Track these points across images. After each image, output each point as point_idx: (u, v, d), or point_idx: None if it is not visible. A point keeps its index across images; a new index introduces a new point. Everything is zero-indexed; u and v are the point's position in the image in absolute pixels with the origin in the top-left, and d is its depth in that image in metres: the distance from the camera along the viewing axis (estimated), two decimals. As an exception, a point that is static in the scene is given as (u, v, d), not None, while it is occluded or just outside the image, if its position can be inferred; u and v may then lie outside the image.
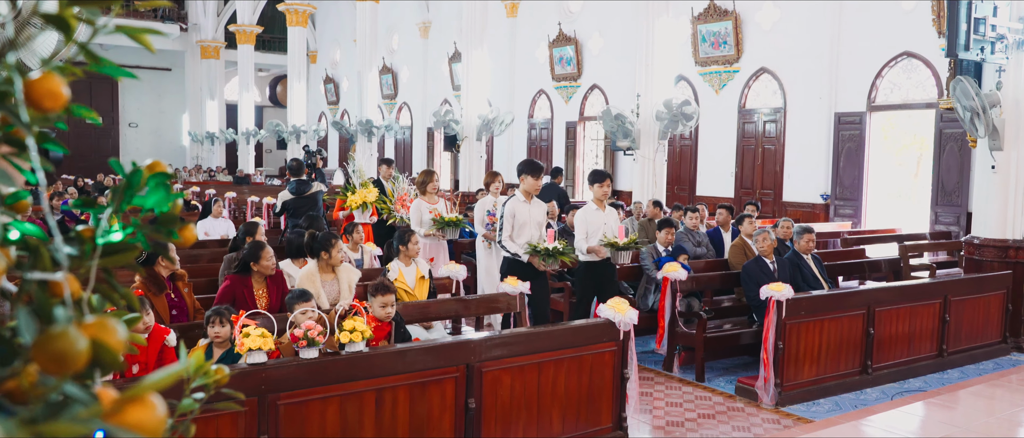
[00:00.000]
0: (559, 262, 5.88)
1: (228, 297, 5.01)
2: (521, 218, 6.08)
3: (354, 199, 8.54)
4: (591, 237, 6.17)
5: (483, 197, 7.77)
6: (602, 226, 6.24)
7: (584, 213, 6.34)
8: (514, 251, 6.00)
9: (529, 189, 6.13)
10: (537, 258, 5.88)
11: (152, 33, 0.90)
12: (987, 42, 7.14)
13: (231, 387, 1.12)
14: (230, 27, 26.49)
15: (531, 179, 6.08)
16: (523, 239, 6.05)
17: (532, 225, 6.08)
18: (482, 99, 15.45)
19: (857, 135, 13.17)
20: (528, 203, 6.15)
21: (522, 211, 6.10)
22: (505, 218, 6.07)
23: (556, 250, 5.81)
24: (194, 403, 1.00)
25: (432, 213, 7.55)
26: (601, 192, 6.27)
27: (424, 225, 7.51)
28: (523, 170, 6.15)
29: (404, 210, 8.57)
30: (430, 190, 7.72)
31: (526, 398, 4.36)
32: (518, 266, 5.99)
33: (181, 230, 0.93)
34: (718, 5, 15.04)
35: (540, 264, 5.90)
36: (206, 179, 23.18)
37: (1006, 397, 5.71)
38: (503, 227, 6.05)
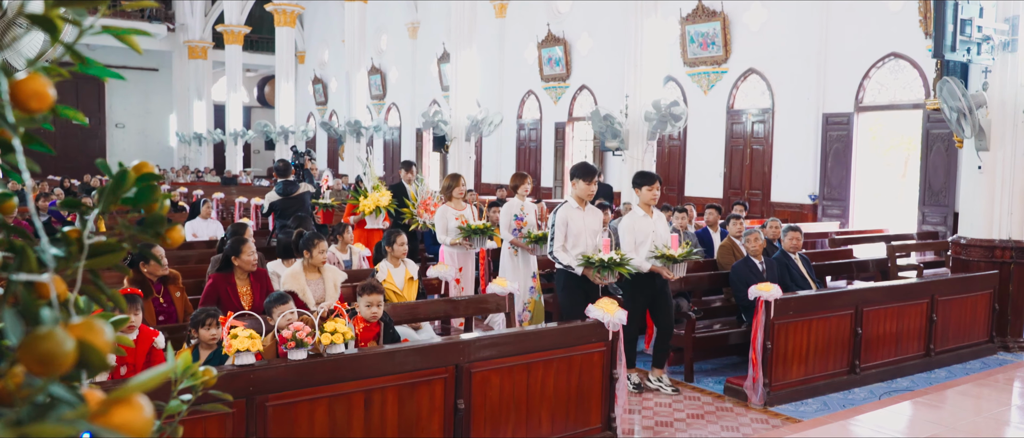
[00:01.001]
0: (616, 274, 5.34)
1: (213, 296, 4.99)
2: (575, 227, 5.51)
3: (366, 204, 8.14)
4: (640, 247, 5.68)
5: (509, 200, 7.24)
6: (651, 234, 5.73)
7: (631, 220, 5.80)
8: (567, 262, 5.44)
9: (582, 195, 5.60)
10: (592, 270, 5.34)
11: (138, 33, 0.90)
12: (973, 43, 7.19)
13: (219, 388, 1.12)
14: (217, 27, 26.38)
15: (583, 184, 5.56)
16: (577, 250, 5.48)
17: (587, 234, 5.53)
18: (471, 100, 15.44)
19: (844, 136, 13.24)
20: (582, 210, 5.60)
21: (576, 219, 5.53)
22: (557, 227, 5.49)
23: (612, 261, 5.26)
24: (181, 404, 0.99)
25: (458, 219, 7.10)
26: (649, 196, 5.76)
27: (450, 233, 7.08)
28: (575, 174, 5.64)
29: (428, 215, 8.19)
30: (456, 195, 7.26)
31: (515, 399, 4.36)
32: (572, 279, 5.48)
33: (168, 231, 0.92)
34: (706, 6, 15.10)
35: (595, 277, 5.34)
36: (194, 180, 23.07)
37: (993, 396, 5.76)
38: (555, 237, 5.48)
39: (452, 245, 7.01)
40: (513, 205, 7.09)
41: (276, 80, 24.04)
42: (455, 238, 7.02)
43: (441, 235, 7.06)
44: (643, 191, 5.78)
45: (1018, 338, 7.48)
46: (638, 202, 5.83)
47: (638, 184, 5.83)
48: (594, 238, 5.57)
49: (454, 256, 7.10)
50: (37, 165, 0.85)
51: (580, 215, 5.57)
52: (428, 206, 8.23)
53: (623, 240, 5.78)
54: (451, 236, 7.03)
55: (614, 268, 5.28)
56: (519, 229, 6.98)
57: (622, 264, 5.30)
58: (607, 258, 5.26)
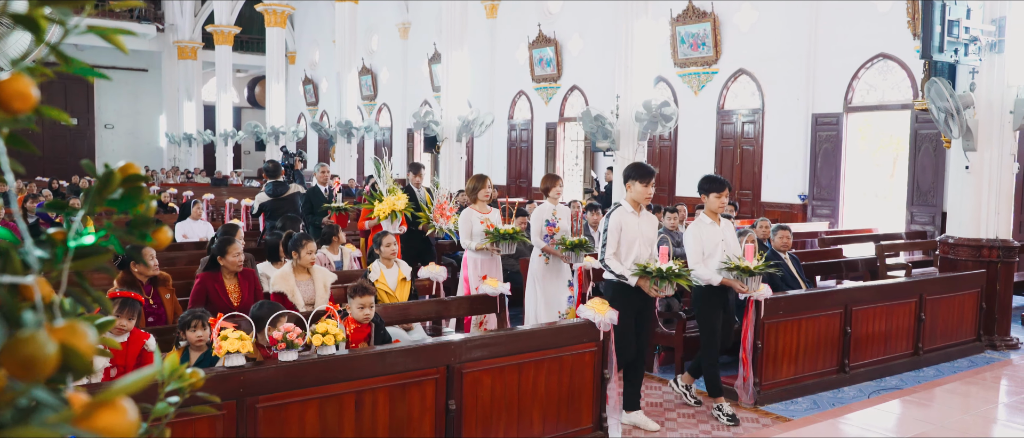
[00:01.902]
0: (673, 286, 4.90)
1: (201, 295, 4.98)
2: (630, 233, 5.00)
3: (382, 208, 7.68)
4: (709, 258, 5.26)
5: (540, 204, 6.79)
6: (719, 243, 5.31)
7: (697, 228, 5.34)
8: (620, 272, 4.95)
9: (638, 198, 5.06)
10: (647, 281, 4.90)
11: (125, 33, 0.89)
12: (961, 44, 7.24)
13: (209, 390, 1.11)
14: (207, 28, 26.27)
15: (640, 186, 5.02)
16: (631, 258, 5.00)
17: (642, 241, 5.04)
18: (462, 100, 15.43)
19: (834, 136, 13.30)
20: (637, 215, 5.08)
21: (630, 225, 5.01)
22: (610, 233, 4.99)
23: (671, 272, 4.81)
24: (168, 407, 0.99)
25: (484, 223, 6.58)
26: (718, 203, 5.32)
27: (475, 237, 6.56)
28: (631, 175, 5.11)
29: (444, 219, 7.78)
30: (482, 198, 6.69)
31: (507, 399, 4.36)
32: (623, 291, 4.99)
33: (155, 232, 0.92)
34: (697, 7, 15.13)
35: (651, 288, 4.89)
36: (184, 181, 22.98)
37: (980, 395, 5.79)
38: (607, 243, 4.98)
39: (477, 250, 6.53)
40: (545, 209, 6.65)
41: (266, 81, 23.96)
42: (481, 243, 6.51)
43: (465, 240, 6.58)
44: (710, 198, 5.32)
45: (1005, 336, 7.52)
46: (704, 209, 5.41)
47: (705, 190, 5.37)
48: (649, 247, 5.10)
49: (478, 263, 6.57)
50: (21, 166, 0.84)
51: (635, 221, 5.05)
52: (444, 210, 7.83)
53: (689, 250, 5.35)
54: (476, 241, 6.53)
55: (672, 279, 4.82)
56: (551, 235, 6.57)
57: (681, 275, 4.83)
58: (665, 268, 4.82)
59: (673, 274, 4.80)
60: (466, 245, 6.58)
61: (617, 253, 5.00)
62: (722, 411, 5.26)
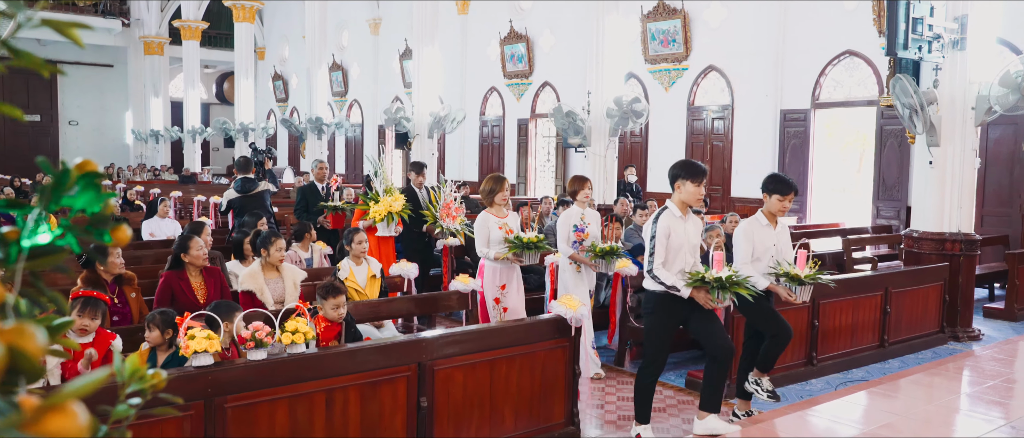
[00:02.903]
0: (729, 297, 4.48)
1: (166, 294, 4.92)
2: (677, 239, 4.55)
3: (378, 210, 7.27)
4: (760, 260, 4.93)
5: (568, 208, 6.30)
6: (771, 248, 4.96)
7: (751, 228, 4.97)
8: (671, 283, 4.47)
9: (689, 199, 4.59)
10: (702, 293, 4.46)
11: (82, 28, 0.87)
12: (925, 41, 7.36)
13: (177, 390, 1.10)
14: (174, 23, 25.90)
15: (692, 185, 4.55)
16: (677, 266, 4.55)
17: (687, 249, 4.61)
18: (434, 96, 15.38)
19: (802, 132, 13.46)
20: (684, 219, 4.62)
21: (678, 230, 4.56)
22: (659, 238, 4.50)
23: (730, 281, 4.40)
24: (129, 409, 0.97)
25: (502, 229, 5.91)
26: (780, 206, 4.96)
27: (493, 245, 5.84)
28: (680, 174, 4.61)
29: (451, 220, 7.43)
30: (499, 201, 5.96)
31: (479, 396, 4.35)
32: (666, 302, 4.55)
33: (114, 231, 0.90)
34: (667, 3, 15.22)
35: (707, 300, 4.46)
36: (151, 178, 22.64)
37: (944, 385, 5.90)
38: (655, 252, 4.50)
39: (495, 260, 5.81)
40: (572, 213, 6.16)
41: (235, 77, 23.69)
42: (500, 252, 5.81)
43: (481, 247, 5.86)
44: (772, 200, 4.96)
45: (967, 328, 7.67)
46: (763, 207, 5.04)
47: (770, 190, 4.99)
48: (694, 254, 4.65)
49: (496, 271, 5.88)
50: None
51: (682, 225, 4.59)
52: (450, 210, 7.42)
53: (738, 250, 4.96)
54: (494, 249, 5.82)
55: (732, 289, 4.41)
56: (580, 241, 6.07)
57: (741, 284, 4.44)
58: (725, 277, 4.41)
59: (732, 284, 4.41)
60: (482, 253, 5.87)
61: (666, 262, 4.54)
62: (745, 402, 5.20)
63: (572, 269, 6.14)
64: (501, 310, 5.83)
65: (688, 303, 4.53)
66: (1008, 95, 7.11)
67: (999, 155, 11.03)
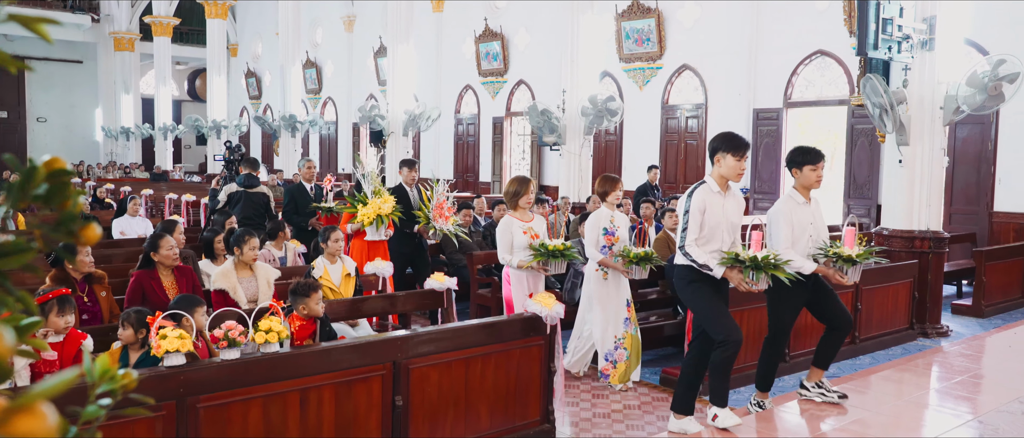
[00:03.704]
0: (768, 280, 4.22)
1: (137, 293, 4.86)
2: (714, 216, 4.30)
3: (366, 212, 6.83)
4: (797, 241, 4.65)
5: (597, 210, 5.88)
6: (808, 226, 4.70)
7: (787, 206, 4.68)
8: (703, 262, 4.23)
9: (729, 174, 4.34)
10: (736, 272, 4.21)
11: (50, 23, 0.86)
12: (894, 41, 7.46)
13: (148, 390, 1.08)
14: (145, 18, 25.57)
15: (732, 159, 4.29)
16: (712, 245, 4.31)
17: (726, 227, 4.36)
18: (408, 94, 15.33)
19: (774, 131, 13.60)
20: (723, 194, 4.39)
21: (715, 206, 4.32)
22: (692, 214, 4.28)
23: (766, 261, 4.13)
24: (99, 410, 0.96)
25: (527, 234, 5.43)
26: (814, 176, 4.66)
27: (517, 252, 5.40)
28: (719, 146, 4.36)
29: (444, 221, 7.02)
30: (524, 204, 5.51)
31: (454, 394, 4.35)
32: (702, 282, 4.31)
33: (83, 229, 0.89)
34: (641, 3, 15.30)
35: (741, 282, 4.20)
36: (121, 176, 22.34)
37: (913, 381, 5.99)
38: (688, 227, 4.27)
39: (519, 268, 5.38)
40: (601, 216, 5.75)
41: (207, 73, 23.43)
42: (525, 260, 5.35)
43: (503, 254, 5.43)
44: (805, 171, 4.65)
45: (936, 325, 7.80)
46: (794, 183, 4.75)
47: (798, 162, 4.68)
48: (733, 232, 4.41)
49: (522, 280, 5.44)
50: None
51: (720, 201, 4.35)
52: (443, 211, 7.02)
53: (776, 232, 4.66)
54: (518, 256, 5.37)
55: (768, 270, 4.14)
56: (609, 246, 5.69)
57: (778, 266, 4.15)
58: (761, 257, 4.14)
59: (769, 265, 4.10)
60: (505, 261, 5.42)
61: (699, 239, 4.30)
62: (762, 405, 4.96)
63: (598, 276, 5.74)
64: None
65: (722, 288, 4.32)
66: (975, 95, 7.24)
67: (967, 154, 11.23)
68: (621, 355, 5.73)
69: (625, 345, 5.71)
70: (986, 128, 10.99)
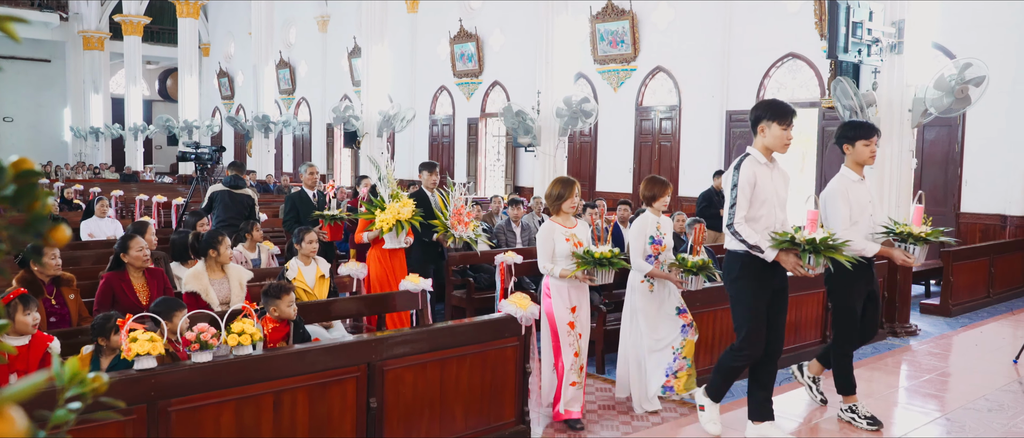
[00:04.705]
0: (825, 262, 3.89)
1: (107, 296, 4.79)
2: (763, 190, 3.96)
3: (385, 218, 6.32)
4: (857, 222, 4.36)
5: (640, 216, 5.39)
6: (867, 205, 4.42)
7: (842, 183, 4.40)
8: (755, 242, 3.88)
9: (774, 145, 4.02)
10: (792, 256, 3.87)
11: (18, 21, 0.85)
12: (864, 45, 7.58)
13: (119, 394, 1.07)
14: (115, 17, 25.24)
15: (778, 128, 3.96)
16: (763, 223, 3.94)
17: (775, 203, 4.03)
18: (383, 95, 15.28)
19: (747, 132, 13.72)
20: (770, 166, 4.06)
21: (764, 179, 3.98)
22: (741, 187, 3.93)
23: (824, 244, 3.79)
24: (69, 413, 0.94)
25: (570, 241, 4.88)
26: (867, 152, 4.39)
27: (559, 260, 4.85)
28: (764, 114, 4.04)
29: (463, 227, 6.57)
30: (567, 209, 4.93)
31: (429, 396, 4.34)
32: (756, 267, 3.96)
33: (51, 231, 0.88)
34: (615, 4, 15.37)
35: (796, 266, 3.88)
36: (90, 177, 22.01)
37: (883, 379, 6.08)
38: (737, 203, 3.93)
39: (561, 277, 4.82)
40: (647, 222, 5.27)
41: (179, 73, 23.17)
42: (568, 269, 4.80)
43: (545, 263, 4.86)
44: (858, 147, 4.38)
45: (905, 324, 7.92)
46: (846, 161, 4.47)
47: (850, 138, 4.41)
48: (782, 209, 4.07)
49: (564, 291, 4.88)
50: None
51: (768, 173, 4.02)
52: (462, 217, 6.55)
53: (833, 212, 4.35)
54: (561, 265, 4.82)
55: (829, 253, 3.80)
56: (656, 255, 5.23)
57: (836, 247, 3.81)
58: (819, 239, 3.79)
59: (827, 246, 3.76)
60: (546, 270, 4.88)
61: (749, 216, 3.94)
62: (857, 413, 4.64)
63: (643, 288, 5.23)
64: (577, 336, 4.89)
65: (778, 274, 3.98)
66: (943, 98, 7.36)
67: (934, 156, 11.42)
68: (681, 365, 5.27)
69: (684, 354, 5.27)
70: (953, 130, 11.19)
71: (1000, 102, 10.34)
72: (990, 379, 5.86)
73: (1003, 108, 10.48)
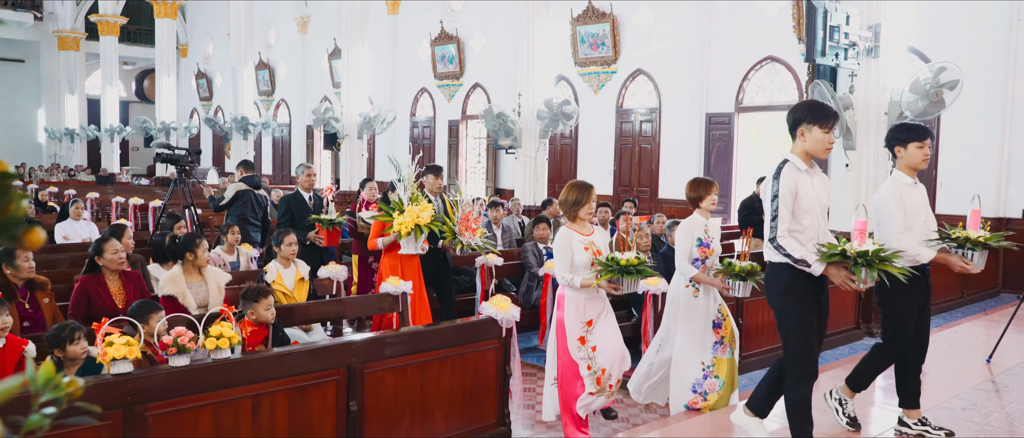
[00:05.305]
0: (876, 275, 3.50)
1: (82, 300, 4.73)
2: (805, 199, 3.64)
3: (403, 222, 5.94)
4: (911, 227, 4.07)
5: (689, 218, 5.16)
6: (922, 210, 4.14)
7: (895, 188, 4.08)
8: (800, 256, 3.55)
9: (815, 150, 3.68)
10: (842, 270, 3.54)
11: (-10, 22, 0.84)
12: (841, 49, 7.66)
13: (95, 399, 1.06)
14: (91, 17, 24.97)
15: (819, 131, 3.64)
16: (807, 234, 3.65)
17: (818, 210, 3.70)
18: (363, 97, 15.23)
19: (726, 135, 13.83)
20: (811, 173, 3.73)
21: (805, 186, 3.66)
22: (783, 197, 3.61)
23: (877, 256, 3.46)
24: (44, 419, 0.93)
25: (588, 250, 4.55)
26: (920, 155, 4.07)
27: (578, 269, 4.50)
28: (803, 117, 3.70)
29: (470, 234, 6.20)
30: (584, 215, 4.62)
31: (410, 398, 4.33)
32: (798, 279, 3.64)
33: (26, 234, 0.87)
34: (596, 7, 15.43)
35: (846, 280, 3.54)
36: (65, 179, 21.74)
37: (859, 379, 6.13)
38: (779, 215, 3.61)
39: (583, 287, 4.45)
40: (695, 224, 5.03)
41: (156, 74, 22.97)
42: (588, 278, 4.46)
43: (562, 272, 4.51)
44: (910, 149, 4.07)
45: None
46: (897, 164, 4.16)
47: (903, 140, 4.09)
48: (823, 215, 3.75)
49: (580, 303, 4.53)
50: None
51: (809, 180, 3.69)
52: (469, 223, 6.22)
53: (886, 218, 4.06)
54: (580, 274, 4.47)
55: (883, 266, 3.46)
56: (702, 259, 4.99)
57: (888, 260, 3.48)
58: (872, 251, 3.46)
59: (880, 259, 3.45)
60: (564, 280, 4.51)
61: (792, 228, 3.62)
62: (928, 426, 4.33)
63: (688, 294, 4.98)
64: (590, 350, 4.53)
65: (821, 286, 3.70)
66: (918, 101, 7.46)
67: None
68: (713, 385, 4.98)
69: (716, 372, 4.98)
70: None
71: (974, 105, 10.48)
72: (964, 378, 5.94)
73: (977, 111, 10.63)
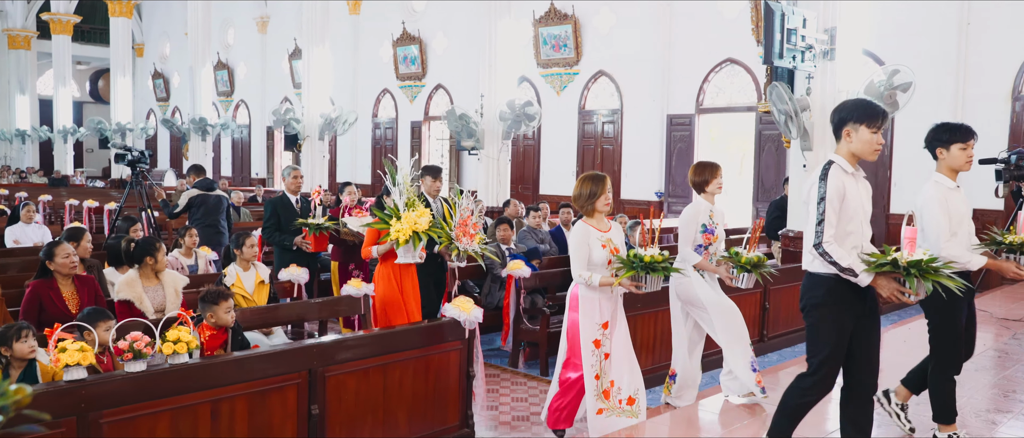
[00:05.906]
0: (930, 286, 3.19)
1: (34, 305, 4.61)
2: (852, 203, 3.39)
3: (400, 228, 5.37)
4: (957, 233, 3.83)
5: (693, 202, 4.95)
6: (965, 214, 3.91)
7: (937, 191, 3.84)
8: (847, 264, 3.25)
9: (862, 151, 3.44)
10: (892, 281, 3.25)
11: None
12: (798, 51, 7.78)
13: (46, 406, 1.03)
14: (42, 15, 24.37)
15: (867, 131, 3.39)
16: (851, 241, 3.38)
17: (862, 215, 3.45)
18: (324, 97, 15.09)
19: (687, 136, 13.97)
20: (856, 176, 3.47)
21: (852, 189, 3.40)
22: (829, 201, 3.34)
23: (929, 265, 3.19)
24: (-11, 428, 0.90)
25: (605, 246, 4.29)
26: (964, 157, 3.83)
27: (595, 267, 4.26)
28: (848, 117, 3.42)
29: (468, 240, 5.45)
30: (601, 207, 4.34)
31: (372, 401, 4.30)
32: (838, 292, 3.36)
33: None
34: (558, 8, 15.48)
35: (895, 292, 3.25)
36: (17, 181, 21.19)
37: (818, 376, 6.24)
38: (825, 219, 3.32)
39: (602, 285, 4.23)
40: (700, 209, 4.82)
41: (111, 74, 22.49)
42: (607, 277, 4.22)
43: (579, 270, 4.25)
44: (953, 151, 3.84)
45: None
46: (938, 166, 3.91)
47: (945, 141, 3.85)
48: (867, 223, 3.50)
49: (596, 304, 4.31)
50: None
51: (854, 184, 3.44)
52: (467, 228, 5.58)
53: (930, 224, 3.82)
54: (599, 272, 4.24)
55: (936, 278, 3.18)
56: (706, 245, 4.81)
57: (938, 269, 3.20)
58: (925, 261, 3.19)
59: (932, 269, 3.18)
60: (583, 279, 4.25)
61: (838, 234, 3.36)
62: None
63: (698, 277, 4.86)
64: (602, 356, 4.31)
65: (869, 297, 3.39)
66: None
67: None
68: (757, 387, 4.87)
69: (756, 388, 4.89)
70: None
71: (926, 106, 10.73)
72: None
73: (929, 112, 10.86)
